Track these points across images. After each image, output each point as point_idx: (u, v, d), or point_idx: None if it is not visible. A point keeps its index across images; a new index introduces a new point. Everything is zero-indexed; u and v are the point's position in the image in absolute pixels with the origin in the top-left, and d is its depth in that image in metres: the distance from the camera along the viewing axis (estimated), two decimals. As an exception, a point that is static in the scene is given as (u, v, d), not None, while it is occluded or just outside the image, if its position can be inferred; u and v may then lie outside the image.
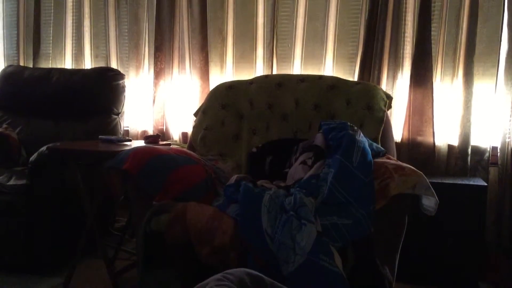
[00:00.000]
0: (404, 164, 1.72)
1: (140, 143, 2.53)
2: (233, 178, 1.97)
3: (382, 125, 2.19)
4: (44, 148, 2.37)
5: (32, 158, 2.39)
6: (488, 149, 2.59)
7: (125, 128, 3.18)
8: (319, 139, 1.98)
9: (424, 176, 1.63)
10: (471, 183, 2.35)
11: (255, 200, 1.66)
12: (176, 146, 2.52)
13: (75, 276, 2.30)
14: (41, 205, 2.41)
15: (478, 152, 2.60)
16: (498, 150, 2.56)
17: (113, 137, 2.56)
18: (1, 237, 2.41)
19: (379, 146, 2.00)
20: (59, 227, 2.48)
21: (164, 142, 2.62)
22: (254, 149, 2.32)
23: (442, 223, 2.29)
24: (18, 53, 3.51)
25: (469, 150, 2.58)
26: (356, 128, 1.88)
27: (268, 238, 1.54)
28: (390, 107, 2.35)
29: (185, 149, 2.27)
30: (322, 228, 1.55)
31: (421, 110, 2.62)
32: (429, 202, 1.69)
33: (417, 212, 1.74)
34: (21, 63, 3.49)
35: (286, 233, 1.52)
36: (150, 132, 3.18)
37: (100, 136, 2.53)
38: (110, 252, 2.42)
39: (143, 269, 1.81)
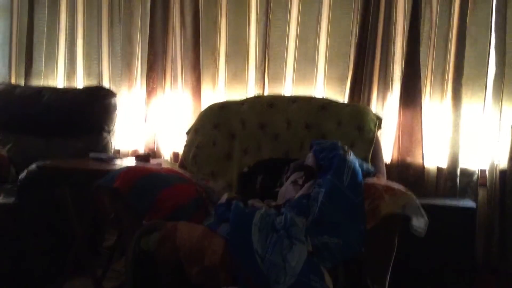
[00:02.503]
0: (394, 185, 1.73)
1: (131, 161, 2.52)
2: (224, 197, 1.97)
3: (372, 146, 2.21)
4: (33, 165, 2.35)
5: (21, 176, 2.37)
6: (477, 172, 2.61)
7: (116, 148, 3.17)
8: (310, 159, 1.99)
9: (413, 196, 1.65)
10: (461, 204, 2.37)
11: (246, 219, 1.66)
12: (167, 165, 2.52)
13: (62, 296, 2.27)
14: (30, 223, 2.38)
15: (467, 173, 2.62)
16: (487, 172, 2.58)
17: (103, 155, 2.55)
18: (-13, 255, 2.37)
19: (369, 166, 2.02)
20: (48, 244, 2.45)
21: (156, 161, 2.62)
22: (246, 169, 2.33)
23: (431, 244, 2.28)
24: (10, 71, 3.50)
25: (458, 171, 2.60)
26: (347, 148, 1.90)
27: (258, 258, 1.54)
28: (380, 127, 2.38)
29: (175, 168, 2.28)
30: (313, 248, 1.55)
31: (410, 131, 2.65)
32: (419, 222, 1.70)
33: (407, 233, 1.74)
34: (13, 81, 3.48)
35: (277, 253, 1.52)
36: (141, 151, 3.16)
37: (90, 154, 2.52)
38: (98, 271, 2.39)
39: (132, 288, 1.79)
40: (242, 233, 1.61)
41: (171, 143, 3.12)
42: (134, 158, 2.69)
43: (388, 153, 2.70)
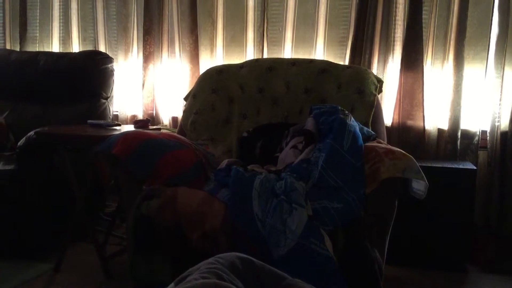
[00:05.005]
0: (395, 148, 1.72)
1: (130, 127, 2.50)
2: (224, 162, 1.97)
3: (372, 109, 2.19)
4: (32, 133, 2.34)
5: (20, 143, 2.36)
6: (478, 133, 2.60)
7: (114, 113, 3.15)
8: (310, 124, 1.97)
9: (414, 159, 1.64)
10: (461, 166, 2.36)
11: (246, 184, 1.66)
12: (166, 131, 2.50)
13: (65, 261, 2.30)
14: (29, 190, 2.38)
15: (467, 136, 2.61)
16: (488, 134, 2.57)
17: (102, 122, 2.53)
18: (-11, 222, 2.39)
19: (370, 130, 2.00)
20: (48, 212, 2.47)
21: (154, 127, 2.60)
22: (245, 134, 2.32)
23: (431, 207, 2.30)
24: (4, 36, 3.44)
25: (459, 134, 2.59)
26: (347, 112, 1.88)
27: (259, 223, 1.54)
28: (380, 91, 2.35)
29: (175, 134, 2.26)
30: (313, 212, 1.55)
31: (411, 94, 2.62)
32: (419, 185, 1.70)
33: (407, 196, 1.74)
34: (8, 47, 3.43)
35: (277, 217, 1.52)
36: (140, 116, 3.15)
37: (88, 121, 2.50)
38: (100, 237, 2.41)
39: (134, 254, 1.80)
40: (242, 198, 1.61)
41: (170, 108, 3.09)
42: (132, 124, 2.67)
43: (389, 116, 2.69)
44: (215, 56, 3.02)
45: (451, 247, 2.34)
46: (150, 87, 3.10)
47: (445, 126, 2.62)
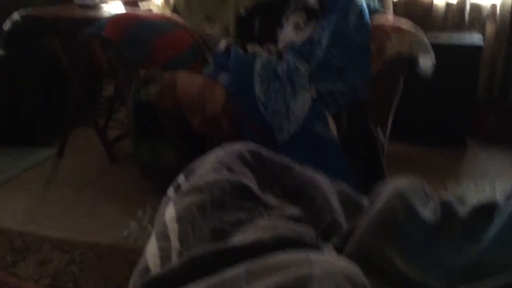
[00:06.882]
0: (403, 24, 1.63)
1: (118, 5, 2.36)
2: (222, 43, 1.88)
3: (379, -20, 2.03)
4: (17, 15, 2.20)
5: (5, 26, 2.23)
6: (488, 6, 2.46)
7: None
8: (312, -2, 1.84)
9: (422, 34, 1.56)
10: (468, 40, 2.27)
11: (247, 67, 1.60)
12: (158, 11, 2.35)
13: (68, 146, 2.31)
14: (21, 75, 2.32)
15: (477, 8, 2.47)
16: (498, 7, 2.43)
17: (89, 1, 2.36)
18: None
19: (376, 3, 1.87)
20: (45, 98, 2.43)
21: (145, 6, 2.44)
22: (242, 11, 2.18)
23: (435, 82, 2.25)
24: None
25: (468, 5, 2.45)
26: (353, -16, 1.74)
27: (261, 106, 1.52)
28: (388, -41, 2.17)
29: (167, 14, 2.13)
30: (317, 94, 1.51)
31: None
32: (426, 61, 1.64)
33: (413, 74, 1.69)
34: None
35: (280, 101, 1.49)
36: (129, -7, 2.95)
37: (75, 0, 2.34)
38: (100, 121, 2.40)
39: (137, 139, 1.81)
40: (243, 81, 1.56)
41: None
42: (121, 2, 2.50)
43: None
44: None
45: (453, 121, 2.33)
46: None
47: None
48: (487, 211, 0.74)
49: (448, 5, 2.49)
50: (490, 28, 2.48)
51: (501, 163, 2.19)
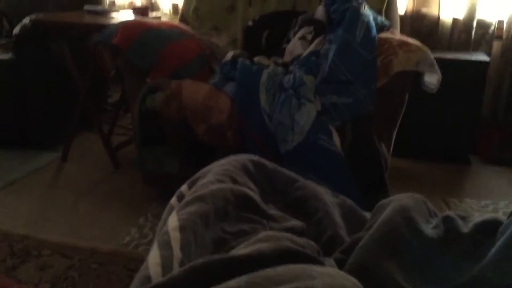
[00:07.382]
0: (410, 40, 1.63)
1: (128, 14, 2.38)
2: (229, 54, 1.89)
3: (387, -4, 2.05)
4: (27, 20, 2.22)
5: (16, 31, 2.25)
6: (494, 23, 2.47)
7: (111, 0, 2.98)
8: (320, 12, 1.86)
9: (429, 52, 1.56)
10: (473, 57, 2.28)
11: (253, 78, 1.60)
12: (166, 20, 2.38)
13: (72, 151, 2.32)
14: (30, 80, 2.34)
15: (483, 25, 2.49)
16: (505, 24, 2.44)
17: (99, 8, 2.40)
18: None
19: (384, 19, 1.89)
20: (52, 102, 2.44)
21: (154, 15, 2.47)
22: (250, 23, 2.20)
23: (440, 98, 2.25)
24: None
25: (474, 23, 2.46)
26: (360, 0, 1.75)
27: (266, 117, 1.52)
28: (396, -25, 2.19)
29: (176, 23, 2.15)
30: (322, 107, 1.52)
31: (428, -22, 2.44)
32: (431, 78, 1.64)
33: (415, 88, 1.69)
34: None
35: (285, 112, 1.49)
36: (138, 3, 2.98)
37: (85, 6, 2.37)
38: (105, 127, 2.41)
39: (141, 145, 1.81)
40: (249, 92, 1.57)
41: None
42: (131, 11, 2.53)
43: (402, 3, 2.53)
44: None
45: (456, 139, 2.33)
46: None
47: (460, 15, 2.48)
48: (489, 228, 0.74)
49: (454, 21, 2.50)
50: (496, 46, 2.49)
51: (504, 182, 2.19)
